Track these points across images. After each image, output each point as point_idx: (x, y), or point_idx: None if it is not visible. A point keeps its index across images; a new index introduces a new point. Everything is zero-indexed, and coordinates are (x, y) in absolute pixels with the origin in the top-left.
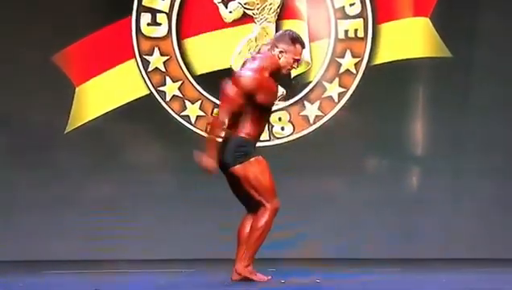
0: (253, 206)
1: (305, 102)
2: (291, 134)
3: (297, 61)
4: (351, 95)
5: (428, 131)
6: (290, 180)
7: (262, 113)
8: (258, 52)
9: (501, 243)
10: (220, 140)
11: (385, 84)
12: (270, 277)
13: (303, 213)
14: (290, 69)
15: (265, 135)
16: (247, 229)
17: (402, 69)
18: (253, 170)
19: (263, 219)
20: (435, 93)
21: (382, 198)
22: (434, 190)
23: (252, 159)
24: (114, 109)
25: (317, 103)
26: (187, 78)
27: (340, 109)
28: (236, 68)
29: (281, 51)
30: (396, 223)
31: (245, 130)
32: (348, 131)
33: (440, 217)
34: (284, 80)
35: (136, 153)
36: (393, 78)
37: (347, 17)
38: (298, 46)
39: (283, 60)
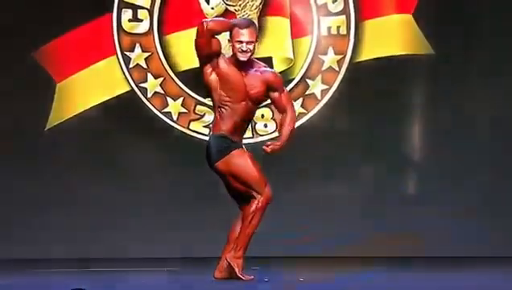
0: (245, 202)
1: None
2: (274, 131)
3: (241, 43)
4: (334, 92)
5: (413, 129)
6: (273, 178)
7: (230, 108)
8: None
9: (501, 242)
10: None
11: (368, 82)
12: (252, 277)
13: (286, 210)
14: (242, 53)
15: (248, 133)
16: (238, 227)
17: (385, 66)
18: (237, 163)
19: (252, 208)
20: (418, 90)
21: (367, 196)
22: (419, 188)
23: (232, 152)
24: (95, 106)
25: (300, 100)
26: (169, 75)
27: (323, 107)
28: None
29: (228, 40)
30: (382, 221)
31: (218, 126)
32: (331, 129)
33: (434, 216)
34: None
35: (117, 150)
36: (376, 75)
37: (330, 14)
38: (235, 28)
39: (233, 48)
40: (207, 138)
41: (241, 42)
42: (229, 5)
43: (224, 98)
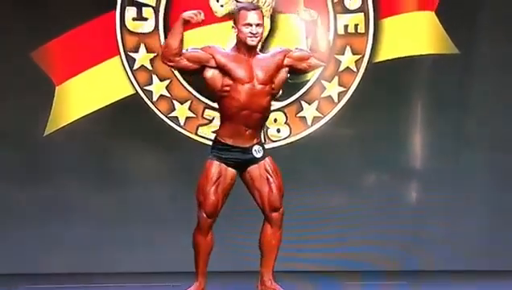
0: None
1: (302, 102)
2: (288, 136)
3: (249, 25)
4: (351, 95)
5: (434, 133)
6: (286, 185)
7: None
8: None
9: (502, 255)
10: None
11: (387, 83)
12: None
13: (300, 220)
14: (251, 37)
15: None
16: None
17: (406, 67)
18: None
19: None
20: (441, 93)
21: (384, 207)
22: (440, 197)
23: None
24: (97, 110)
25: (315, 103)
26: (176, 77)
27: (339, 110)
28: None
29: (233, 27)
30: (397, 232)
31: (219, 128)
32: (348, 133)
33: (443, 227)
34: None
35: (121, 157)
36: (396, 76)
37: (347, 11)
38: (242, 11)
39: (239, 34)
40: None
41: (250, 24)
42: (240, 2)
43: (225, 88)
